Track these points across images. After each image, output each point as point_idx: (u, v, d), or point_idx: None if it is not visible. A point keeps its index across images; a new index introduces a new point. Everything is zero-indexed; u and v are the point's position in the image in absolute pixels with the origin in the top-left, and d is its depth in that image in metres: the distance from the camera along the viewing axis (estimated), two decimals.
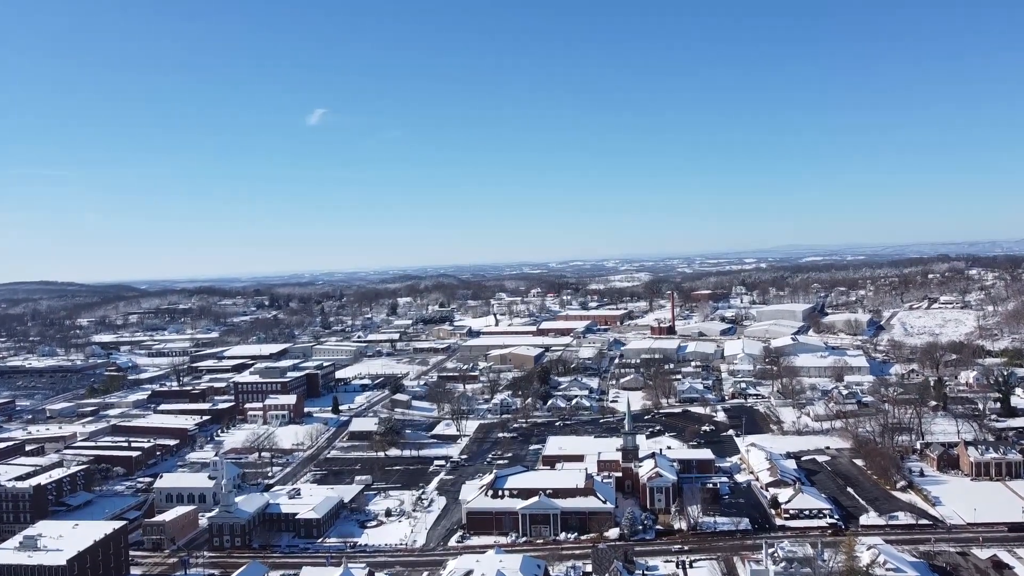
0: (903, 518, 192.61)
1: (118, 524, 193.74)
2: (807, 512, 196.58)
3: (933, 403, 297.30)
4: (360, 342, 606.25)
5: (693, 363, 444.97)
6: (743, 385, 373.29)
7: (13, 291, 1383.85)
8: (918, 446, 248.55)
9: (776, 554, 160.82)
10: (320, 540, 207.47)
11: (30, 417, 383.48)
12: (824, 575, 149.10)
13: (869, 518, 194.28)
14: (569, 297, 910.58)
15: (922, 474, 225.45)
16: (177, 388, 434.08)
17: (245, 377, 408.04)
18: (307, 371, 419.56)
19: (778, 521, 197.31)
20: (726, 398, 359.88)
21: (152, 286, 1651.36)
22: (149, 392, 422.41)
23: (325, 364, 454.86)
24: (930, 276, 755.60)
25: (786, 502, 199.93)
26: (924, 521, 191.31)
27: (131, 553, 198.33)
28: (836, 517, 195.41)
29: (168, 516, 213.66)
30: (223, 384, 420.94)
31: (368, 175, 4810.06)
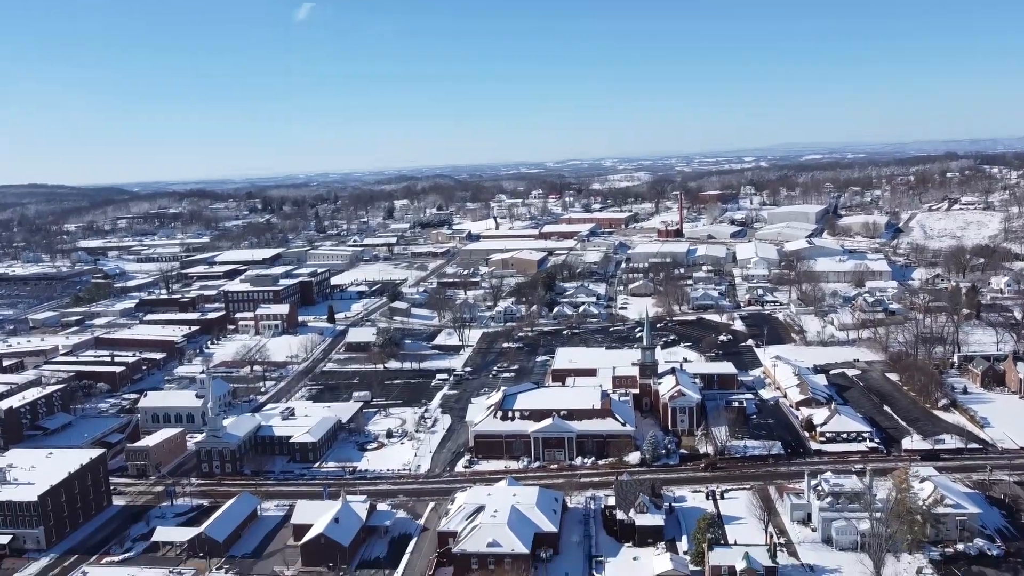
0: (950, 442, 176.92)
1: (96, 453, 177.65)
2: (845, 435, 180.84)
3: (966, 311, 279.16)
4: (356, 247, 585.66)
5: (704, 268, 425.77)
6: (759, 291, 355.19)
7: (2, 195, 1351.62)
8: (955, 359, 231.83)
9: (820, 487, 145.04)
10: (317, 465, 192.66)
11: (12, 328, 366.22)
12: (876, 511, 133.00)
13: (912, 441, 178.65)
14: (571, 199, 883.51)
15: (965, 391, 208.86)
16: (165, 297, 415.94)
17: (236, 285, 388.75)
18: (301, 278, 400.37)
19: (813, 445, 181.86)
20: (742, 305, 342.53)
21: (144, 188, 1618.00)
22: (136, 301, 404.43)
23: (320, 270, 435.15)
24: (948, 175, 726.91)
25: (822, 424, 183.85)
26: (973, 445, 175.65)
27: (113, 481, 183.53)
28: (877, 440, 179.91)
29: (152, 440, 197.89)
30: (213, 292, 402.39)
31: (360, 70, 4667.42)
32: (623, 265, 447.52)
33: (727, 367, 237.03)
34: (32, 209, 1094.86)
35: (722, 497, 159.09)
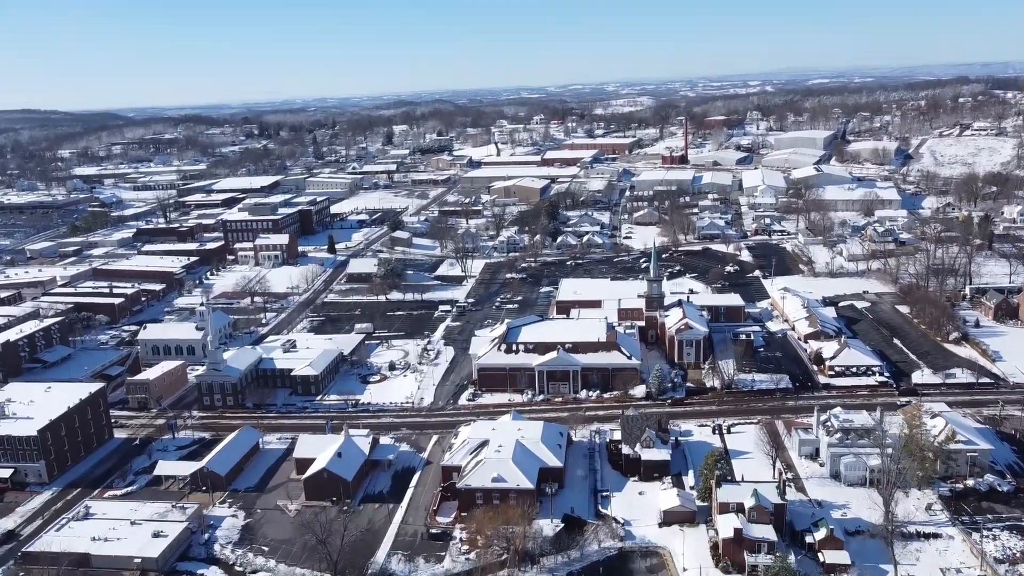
0: (960, 376, 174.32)
1: (96, 386, 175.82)
2: (854, 369, 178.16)
3: (978, 242, 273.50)
4: (355, 174, 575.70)
5: (710, 196, 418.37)
6: (767, 220, 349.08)
7: None
8: (967, 291, 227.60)
9: (829, 423, 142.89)
10: (319, 398, 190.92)
11: (9, 258, 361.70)
12: (887, 448, 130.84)
13: (923, 375, 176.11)
14: (574, 124, 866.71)
15: (977, 324, 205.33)
16: (163, 226, 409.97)
17: (234, 215, 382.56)
18: (300, 207, 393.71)
19: (821, 379, 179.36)
20: (748, 235, 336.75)
21: (140, 114, 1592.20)
22: (134, 230, 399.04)
23: (319, 199, 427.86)
24: (960, 100, 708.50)
25: (831, 357, 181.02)
26: (985, 379, 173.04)
27: (114, 414, 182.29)
28: (887, 375, 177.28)
29: (153, 373, 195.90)
30: (212, 221, 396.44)
31: None
32: (627, 193, 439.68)
33: (734, 299, 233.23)
34: (25, 135, 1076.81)
35: (729, 432, 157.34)
